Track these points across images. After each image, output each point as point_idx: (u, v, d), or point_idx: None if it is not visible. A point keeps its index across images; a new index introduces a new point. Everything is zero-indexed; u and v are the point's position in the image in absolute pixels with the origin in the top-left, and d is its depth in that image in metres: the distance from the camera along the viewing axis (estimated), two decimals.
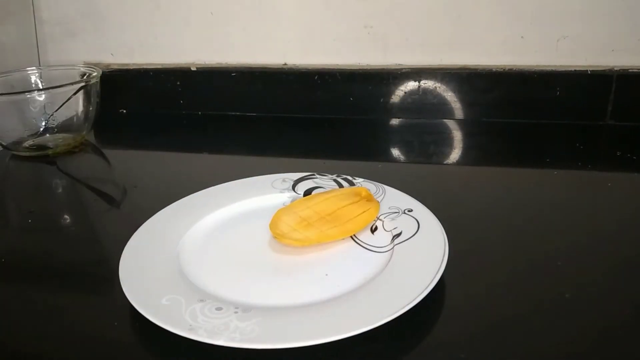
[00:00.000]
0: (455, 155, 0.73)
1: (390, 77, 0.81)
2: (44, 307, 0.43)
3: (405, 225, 0.49)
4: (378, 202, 0.52)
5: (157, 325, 0.36)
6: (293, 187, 0.58)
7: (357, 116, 0.84)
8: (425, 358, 0.36)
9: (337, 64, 0.84)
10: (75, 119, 0.79)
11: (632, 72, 0.76)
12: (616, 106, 0.77)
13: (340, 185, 0.57)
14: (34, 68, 0.86)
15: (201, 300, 0.39)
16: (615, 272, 0.44)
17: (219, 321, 0.37)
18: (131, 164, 0.76)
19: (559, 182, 0.62)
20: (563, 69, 0.78)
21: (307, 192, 0.56)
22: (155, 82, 0.91)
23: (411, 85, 0.82)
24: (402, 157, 0.73)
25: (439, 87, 0.81)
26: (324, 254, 0.46)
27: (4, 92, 0.78)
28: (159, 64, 0.91)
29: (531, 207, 0.56)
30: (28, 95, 0.76)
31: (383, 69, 0.82)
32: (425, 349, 0.37)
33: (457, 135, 0.79)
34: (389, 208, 0.52)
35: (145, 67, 0.91)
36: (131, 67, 0.92)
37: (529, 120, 0.79)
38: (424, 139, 0.78)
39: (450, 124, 0.81)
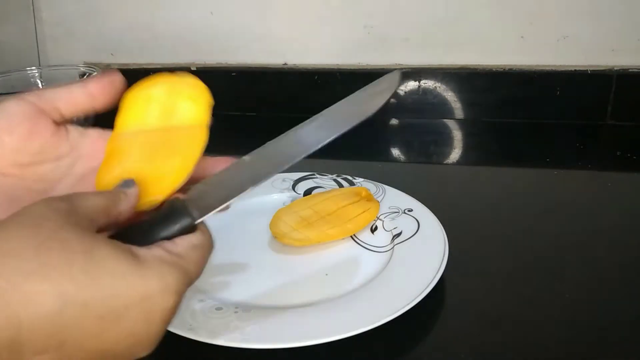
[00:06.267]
0: (455, 155, 0.73)
1: None
2: None
3: (405, 225, 0.49)
4: (378, 202, 0.52)
5: None
6: (293, 187, 0.58)
7: None
8: (426, 358, 0.36)
9: (337, 64, 0.84)
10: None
11: (632, 72, 0.76)
12: (616, 106, 0.77)
13: (340, 185, 0.57)
14: (34, 68, 0.86)
15: (201, 300, 0.39)
16: (615, 272, 0.44)
17: (219, 321, 0.37)
18: None
19: (559, 182, 0.62)
20: (563, 69, 0.78)
21: (307, 192, 0.56)
22: None
23: (411, 85, 0.82)
24: (402, 157, 0.73)
25: (439, 87, 0.81)
26: (324, 254, 0.46)
27: (4, 92, 0.77)
28: (158, 64, 0.91)
29: (531, 207, 0.56)
30: None
31: (383, 69, 0.82)
32: (425, 349, 0.37)
33: (457, 135, 0.79)
34: (389, 208, 0.52)
35: (145, 67, 0.91)
36: (131, 67, 0.92)
37: (529, 120, 0.79)
38: (424, 139, 0.78)
39: (450, 124, 0.81)
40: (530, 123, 0.79)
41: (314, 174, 0.60)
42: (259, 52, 0.87)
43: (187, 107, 0.36)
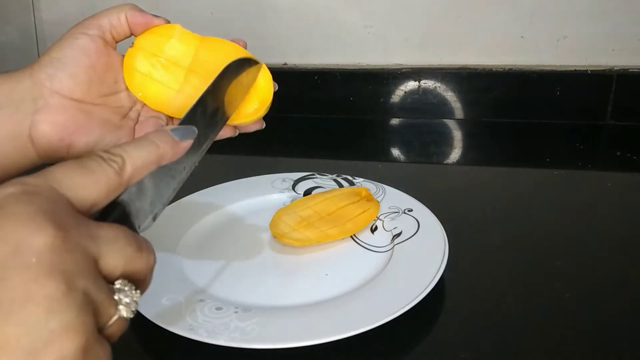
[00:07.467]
0: (455, 155, 0.73)
1: (390, 77, 0.81)
2: None
3: (405, 225, 0.49)
4: (378, 202, 0.52)
5: (157, 325, 0.36)
6: (293, 187, 0.58)
7: (357, 116, 0.84)
8: (426, 358, 0.36)
9: (337, 64, 0.84)
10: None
11: (632, 72, 0.76)
12: (616, 106, 0.77)
13: (340, 185, 0.57)
14: None
15: (201, 300, 0.39)
16: (615, 272, 0.44)
17: (219, 321, 0.37)
18: None
19: (559, 182, 0.62)
20: (563, 69, 0.78)
21: (307, 192, 0.56)
22: None
23: (411, 85, 0.82)
24: (402, 157, 0.73)
25: (439, 87, 0.81)
26: (324, 254, 0.46)
27: None
28: None
29: (531, 207, 0.56)
30: None
31: (383, 69, 0.82)
32: (425, 349, 0.37)
33: (457, 135, 0.79)
34: (389, 208, 0.52)
35: None
36: None
37: (529, 120, 0.79)
38: (424, 139, 0.78)
39: (450, 124, 0.81)
40: (530, 123, 0.79)
41: (314, 174, 0.60)
42: (259, 52, 0.87)
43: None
